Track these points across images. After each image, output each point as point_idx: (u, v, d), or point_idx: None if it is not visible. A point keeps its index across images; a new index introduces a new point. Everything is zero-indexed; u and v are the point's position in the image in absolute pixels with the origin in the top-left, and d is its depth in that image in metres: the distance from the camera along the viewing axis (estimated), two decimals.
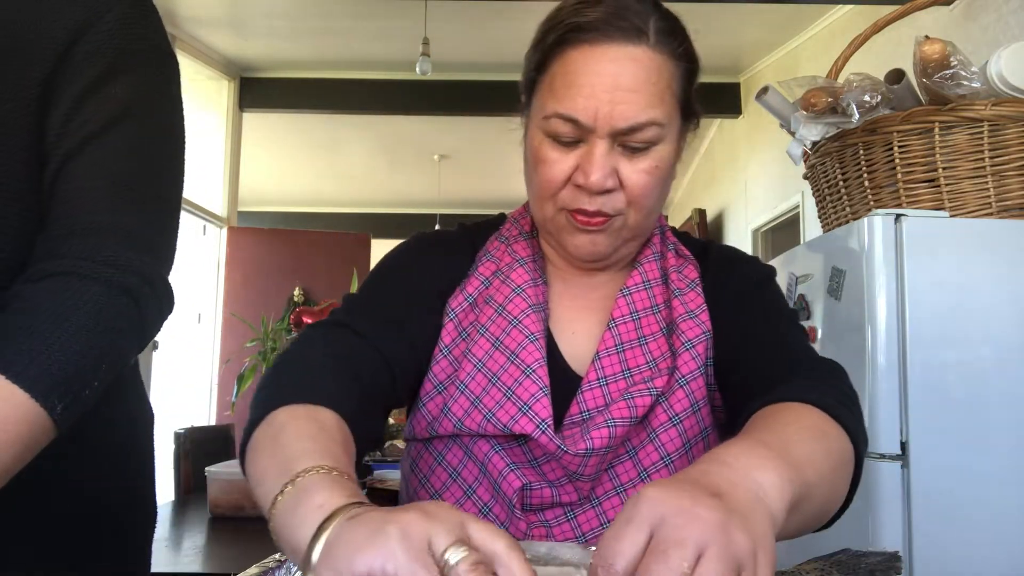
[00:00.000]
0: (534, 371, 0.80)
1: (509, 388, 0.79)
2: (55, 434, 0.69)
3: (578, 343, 0.86)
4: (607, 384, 0.81)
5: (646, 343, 0.83)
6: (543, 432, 0.77)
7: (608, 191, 0.78)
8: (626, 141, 0.77)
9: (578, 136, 0.77)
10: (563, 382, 0.83)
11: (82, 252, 0.74)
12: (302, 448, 0.58)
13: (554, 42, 0.79)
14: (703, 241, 0.93)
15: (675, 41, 0.78)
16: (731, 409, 0.82)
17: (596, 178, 0.76)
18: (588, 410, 0.80)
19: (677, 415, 0.80)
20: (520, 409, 0.78)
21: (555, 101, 0.77)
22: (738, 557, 0.45)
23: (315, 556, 0.46)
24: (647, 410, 0.79)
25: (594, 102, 0.75)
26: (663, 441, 0.79)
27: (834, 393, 0.70)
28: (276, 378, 0.71)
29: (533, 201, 0.85)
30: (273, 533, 0.54)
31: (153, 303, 0.78)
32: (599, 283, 0.89)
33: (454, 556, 0.44)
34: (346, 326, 0.79)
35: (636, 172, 0.78)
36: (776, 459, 0.55)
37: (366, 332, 0.79)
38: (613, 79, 0.75)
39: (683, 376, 0.80)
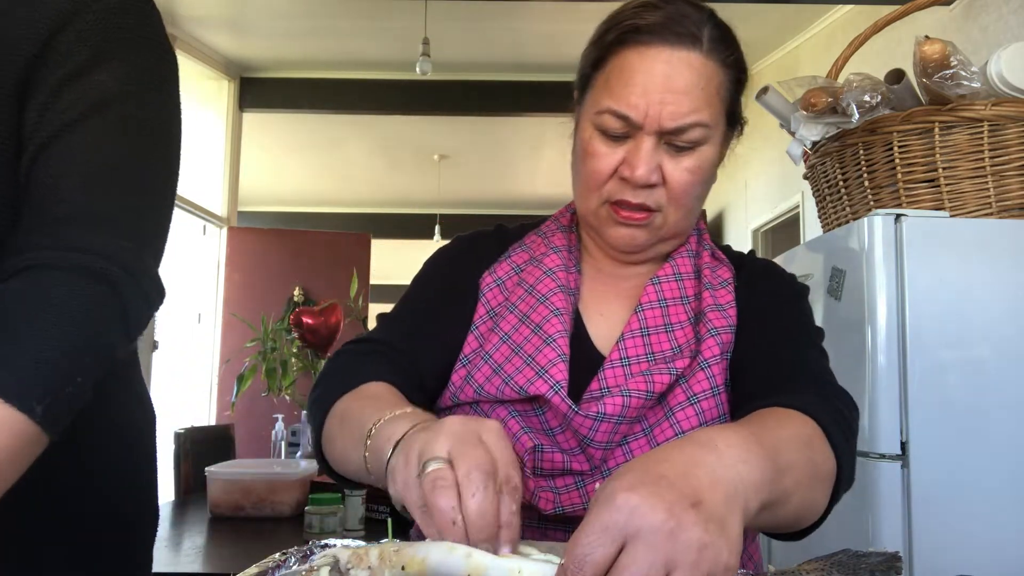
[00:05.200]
0: (554, 340, 0.83)
1: (530, 356, 0.83)
2: (46, 437, 0.65)
3: (605, 325, 0.90)
4: (629, 365, 0.84)
5: (672, 330, 0.85)
6: (556, 392, 0.79)
7: (651, 185, 0.82)
8: (672, 140, 0.81)
9: (627, 132, 0.81)
10: (587, 360, 0.86)
11: (54, 242, 0.70)
12: (364, 417, 0.70)
13: (613, 41, 0.83)
14: (740, 252, 0.97)
15: (727, 50, 0.84)
16: (732, 411, 0.84)
17: (641, 172, 0.80)
18: (608, 388, 0.82)
19: (695, 395, 0.81)
20: (537, 373, 0.81)
21: (609, 97, 0.81)
22: (708, 573, 0.48)
23: (388, 478, 0.62)
24: (665, 388, 0.81)
25: (645, 100, 0.79)
26: (679, 419, 0.81)
27: (835, 416, 0.73)
28: (322, 386, 0.81)
29: (578, 192, 0.89)
30: (383, 484, 0.65)
31: (135, 291, 0.73)
32: (632, 273, 0.93)
33: (429, 465, 0.56)
34: (372, 341, 0.87)
35: (679, 170, 0.82)
36: (764, 459, 0.57)
37: (394, 346, 0.86)
38: (665, 80, 0.79)
39: (705, 360, 0.82)
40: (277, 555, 0.63)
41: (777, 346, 0.84)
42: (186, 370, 5.47)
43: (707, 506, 0.50)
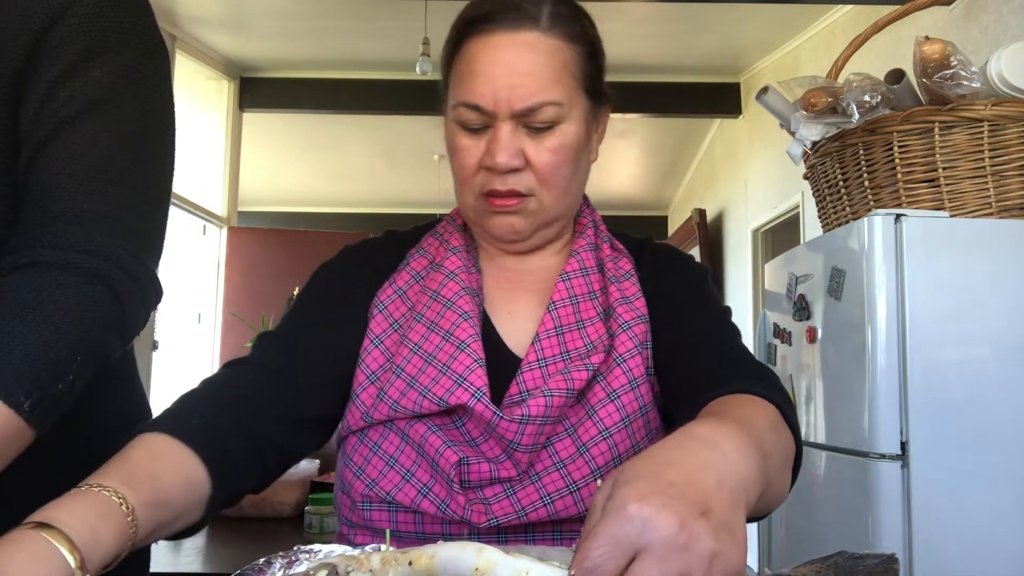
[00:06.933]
0: (468, 345, 0.82)
1: (444, 364, 0.82)
2: (31, 434, 0.65)
3: (515, 324, 0.89)
4: (546, 365, 0.83)
5: (584, 327, 0.86)
6: (478, 400, 0.79)
7: (516, 170, 0.82)
8: (528, 122, 0.81)
9: (484, 122, 0.82)
10: (502, 362, 0.85)
11: (52, 241, 0.69)
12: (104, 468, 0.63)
13: (455, 38, 0.85)
14: (638, 238, 0.97)
15: (570, 25, 0.83)
16: (665, 405, 0.85)
17: (502, 158, 0.81)
18: (528, 390, 0.82)
19: (615, 391, 0.82)
20: (455, 382, 0.80)
21: (460, 91, 0.83)
22: None
23: None
24: (584, 384, 0.81)
25: (492, 87, 0.80)
26: (601, 416, 0.81)
27: (783, 396, 0.74)
28: (170, 407, 0.77)
29: (456, 190, 0.89)
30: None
31: (134, 291, 0.73)
32: (533, 268, 0.92)
33: None
34: (243, 363, 0.84)
35: (542, 151, 0.82)
36: (755, 449, 0.57)
37: (266, 366, 0.83)
38: (508, 65, 0.80)
39: (620, 355, 0.83)
40: (260, 561, 0.62)
41: (703, 335, 0.85)
42: (186, 370, 5.47)
43: (716, 513, 0.49)
